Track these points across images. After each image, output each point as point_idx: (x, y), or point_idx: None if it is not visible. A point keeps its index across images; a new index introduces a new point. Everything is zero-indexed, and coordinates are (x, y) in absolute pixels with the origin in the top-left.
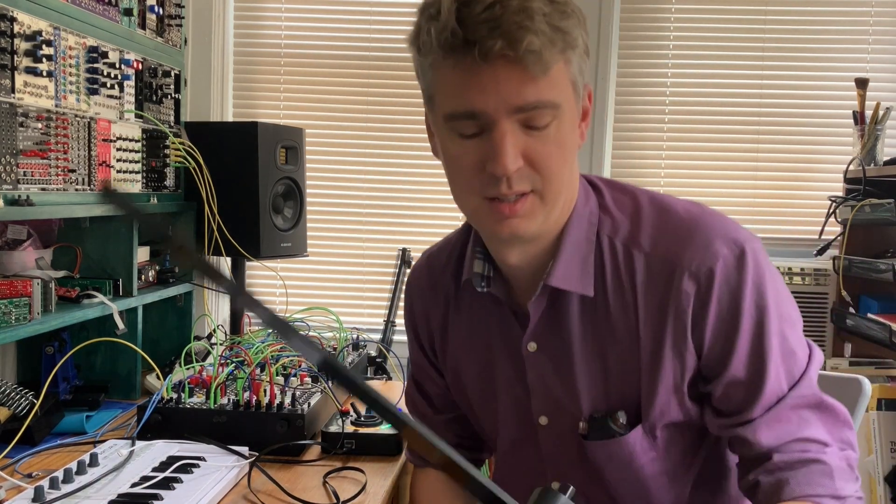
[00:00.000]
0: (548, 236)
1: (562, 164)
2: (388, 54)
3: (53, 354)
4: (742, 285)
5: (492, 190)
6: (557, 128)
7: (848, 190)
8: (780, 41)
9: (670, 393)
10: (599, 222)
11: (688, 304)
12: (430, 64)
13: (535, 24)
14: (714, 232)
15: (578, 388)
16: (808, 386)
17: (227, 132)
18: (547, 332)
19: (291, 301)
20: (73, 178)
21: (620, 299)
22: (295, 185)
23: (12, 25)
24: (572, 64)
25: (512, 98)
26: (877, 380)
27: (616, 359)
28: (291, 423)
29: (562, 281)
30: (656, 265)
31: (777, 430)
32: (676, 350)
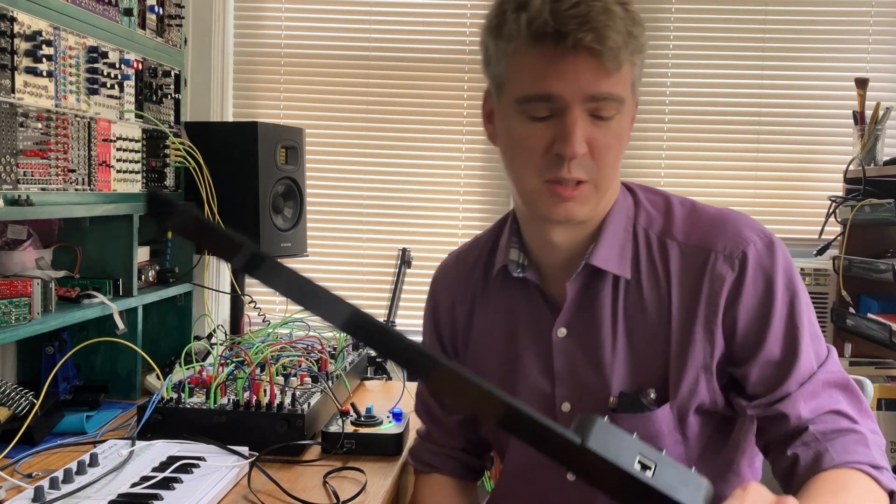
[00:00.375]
0: (592, 222)
1: (617, 156)
2: (389, 54)
3: (53, 354)
4: (774, 268)
5: (554, 172)
6: (619, 121)
7: (848, 190)
8: (780, 41)
9: (699, 371)
10: (635, 216)
11: (721, 287)
12: (511, 51)
13: (616, 25)
14: (742, 222)
15: (607, 370)
16: (834, 365)
17: (227, 132)
18: (578, 315)
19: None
20: (73, 178)
21: (654, 284)
22: (295, 185)
23: (12, 25)
24: (636, 67)
25: (588, 87)
26: (877, 380)
27: (645, 339)
28: (291, 423)
29: (602, 261)
30: (690, 252)
31: (812, 403)
32: (707, 330)
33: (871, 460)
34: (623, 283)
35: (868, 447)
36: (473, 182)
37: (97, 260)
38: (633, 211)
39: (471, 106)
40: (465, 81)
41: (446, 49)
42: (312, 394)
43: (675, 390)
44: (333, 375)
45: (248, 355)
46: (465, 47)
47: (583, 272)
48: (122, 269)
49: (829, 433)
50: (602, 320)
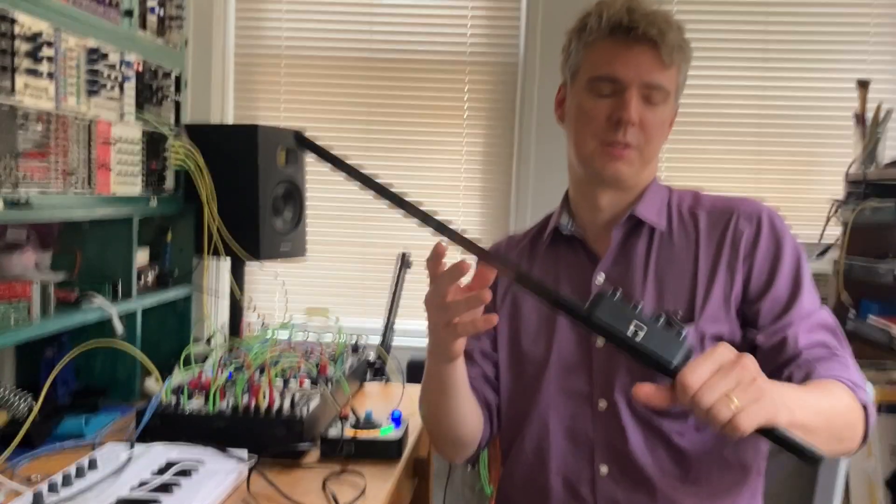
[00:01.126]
0: (634, 191)
1: (659, 137)
2: (389, 55)
3: (52, 358)
4: (783, 231)
5: (610, 135)
6: (663, 110)
7: (849, 192)
8: (780, 42)
9: (720, 302)
10: (669, 196)
11: (741, 238)
12: (589, 42)
13: (674, 31)
14: (758, 202)
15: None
16: (828, 313)
17: (228, 134)
18: (616, 263)
19: (291, 303)
20: (73, 180)
21: (683, 239)
22: (295, 187)
23: (12, 27)
24: (681, 74)
25: (645, 75)
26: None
27: (672, 283)
28: (291, 427)
29: (644, 213)
30: (715, 215)
31: (808, 336)
32: (729, 269)
33: (851, 378)
34: (657, 236)
35: (849, 370)
36: (473, 182)
37: (96, 262)
38: (666, 193)
39: (471, 107)
40: (465, 82)
41: (446, 49)
42: (312, 397)
43: (701, 314)
44: (333, 379)
45: (248, 358)
46: (466, 48)
47: (627, 222)
48: (121, 272)
49: (819, 358)
50: (636, 268)
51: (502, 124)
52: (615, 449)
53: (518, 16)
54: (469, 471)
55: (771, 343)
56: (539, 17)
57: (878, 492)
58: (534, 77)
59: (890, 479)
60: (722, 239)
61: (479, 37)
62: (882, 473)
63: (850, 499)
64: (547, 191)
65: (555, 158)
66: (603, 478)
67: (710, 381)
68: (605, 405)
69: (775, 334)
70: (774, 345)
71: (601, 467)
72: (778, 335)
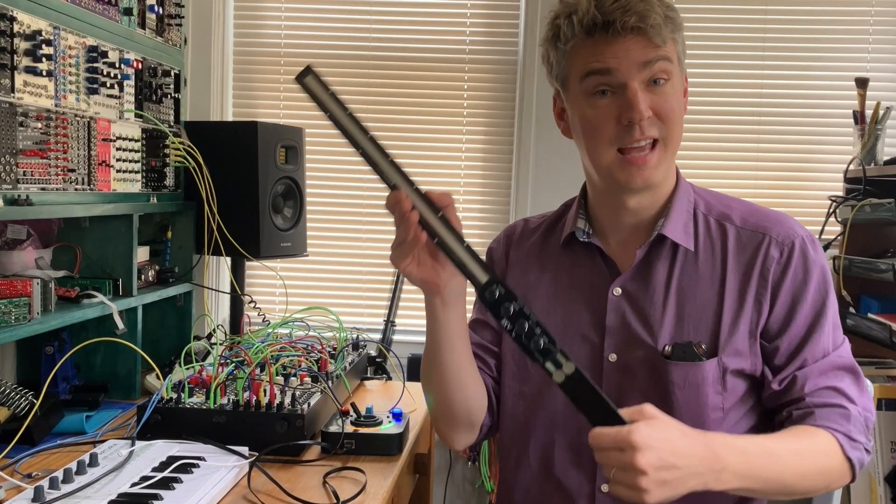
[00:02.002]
0: (661, 190)
1: (678, 116)
2: (389, 54)
3: (53, 354)
4: (814, 262)
5: (627, 138)
6: (672, 87)
7: (848, 189)
8: (780, 41)
9: (745, 336)
10: (695, 201)
11: (770, 266)
12: (568, 50)
13: (654, 9)
14: (793, 221)
15: (655, 328)
16: (846, 352)
17: (227, 132)
18: (635, 278)
19: (291, 301)
20: (73, 177)
21: (709, 257)
22: (295, 184)
23: (12, 25)
24: (678, 44)
25: (639, 57)
26: (877, 380)
27: (694, 304)
28: (291, 423)
29: (671, 233)
30: (746, 235)
31: (819, 380)
32: (756, 302)
33: (846, 432)
34: (681, 253)
35: (849, 422)
36: (473, 182)
37: (97, 260)
38: (692, 196)
39: (471, 106)
40: (465, 81)
41: (446, 49)
42: (312, 394)
43: (724, 347)
44: (333, 375)
45: (248, 355)
46: (465, 47)
47: (656, 241)
48: (121, 269)
49: (821, 404)
50: (656, 284)
51: (502, 123)
52: None
53: (517, 14)
54: (469, 466)
55: (782, 386)
56: (538, 16)
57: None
58: (533, 75)
59: (890, 475)
60: (751, 265)
61: (479, 35)
62: (882, 470)
63: (850, 495)
64: (547, 189)
65: (555, 157)
66: (604, 494)
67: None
68: None
69: (787, 377)
70: (785, 386)
71: (602, 485)
72: (788, 377)
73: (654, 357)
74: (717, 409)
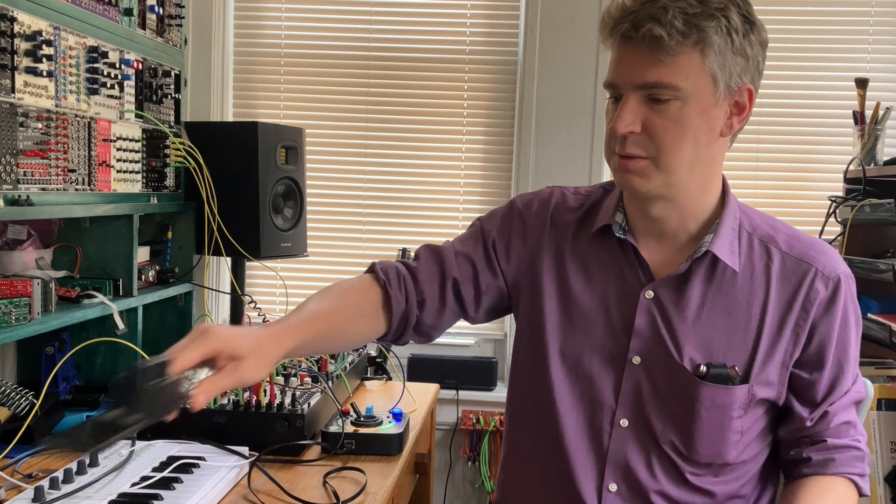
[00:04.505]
0: (689, 203)
1: (678, 139)
2: (389, 54)
3: (53, 354)
4: (852, 300)
5: (616, 147)
6: (680, 108)
7: (848, 190)
8: (780, 41)
9: (779, 366)
10: (741, 220)
11: (815, 299)
12: (605, 44)
13: (666, 17)
14: (836, 254)
15: (680, 338)
16: (860, 385)
17: (228, 132)
18: (671, 286)
19: (291, 301)
20: (73, 178)
21: (748, 280)
22: (295, 184)
23: (12, 25)
24: (708, 57)
25: (635, 77)
26: (877, 380)
27: (728, 324)
28: (291, 423)
29: (719, 250)
30: (791, 262)
31: (841, 416)
32: (794, 332)
33: (860, 472)
34: (720, 271)
35: (863, 461)
36: (473, 182)
37: (97, 260)
38: (738, 213)
39: (471, 106)
40: (465, 81)
41: (446, 49)
42: (312, 394)
43: (758, 375)
44: (333, 375)
45: None
46: (465, 47)
47: (702, 256)
48: (122, 269)
49: (841, 447)
50: (690, 298)
51: (502, 123)
52: (627, 469)
53: (517, 14)
54: (469, 466)
55: (814, 422)
56: (538, 16)
57: (878, 488)
58: (533, 75)
59: (889, 475)
60: (795, 295)
61: (479, 35)
62: (882, 470)
63: None
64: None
65: (555, 156)
66: (611, 493)
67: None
68: (627, 424)
69: (820, 413)
70: (816, 422)
71: (610, 484)
72: (820, 413)
73: (679, 371)
74: (736, 433)
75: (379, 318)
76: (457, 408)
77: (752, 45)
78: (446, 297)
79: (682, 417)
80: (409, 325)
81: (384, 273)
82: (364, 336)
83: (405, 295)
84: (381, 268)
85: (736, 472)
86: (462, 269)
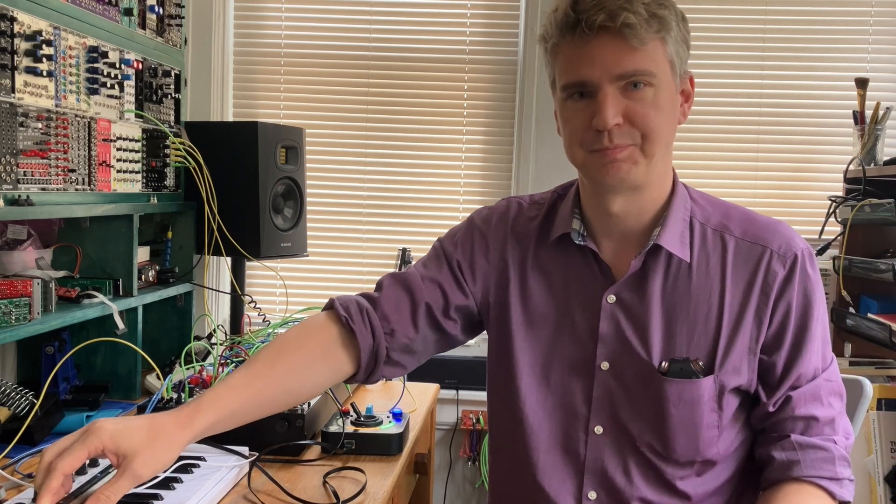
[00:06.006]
0: (649, 195)
1: (659, 123)
2: (388, 54)
3: (53, 354)
4: (812, 277)
5: (596, 144)
6: (654, 94)
7: (848, 190)
8: (780, 41)
9: (744, 352)
10: (692, 209)
11: (773, 281)
12: (551, 48)
13: (633, 7)
14: (791, 232)
15: (649, 338)
16: (835, 374)
17: (228, 132)
18: (631, 287)
19: (291, 301)
20: (74, 177)
21: (704, 270)
22: (295, 184)
23: (12, 25)
24: (668, 45)
25: (613, 67)
26: (877, 380)
27: (688, 317)
28: (291, 423)
29: (668, 243)
30: (745, 247)
31: (809, 407)
32: (757, 317)
33: (831, 475)
34: (675, 264)
35: (833, 464)
36: (473, 182)
37: (97, 260)
38: (689, 203)
39: (471, 106)
40: (465, 81)
41: (446, 49)
42: None
43: (721, 365)
44: None
45: (248, 355)
46: (465, 47)
47: (651, 251)
48: (122, 269)
49: (805, 446)
50: (651, 295)
51: (502, 123)
52: (605, 476)
53: (517, 14)
54: (469, 466)
55: (776, 407)
56: (538, 16)
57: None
58: (533, 75)
59: (889, 475)
60: (752, 280)
61: (479, 35)
62: (882, 469)
63: None
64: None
65: (555, 156)
66: (591, 501)
67: None
68: (602, 431)
69: (780, 397)
70: (778, 408)
71: (590, 493)
72: (782, 398)
73: (648, 370)
74: (711, 427)
75: (343, 359)
76: (457, 408)
77: (688, 35)
78: (419, 322)
79: (655, 418)
80: (380, 359)
81: (344, 309)
82: (326, 382)
83: (370, 328)
84: (341, 303)
85: (718, 469)
86: (432, 293)
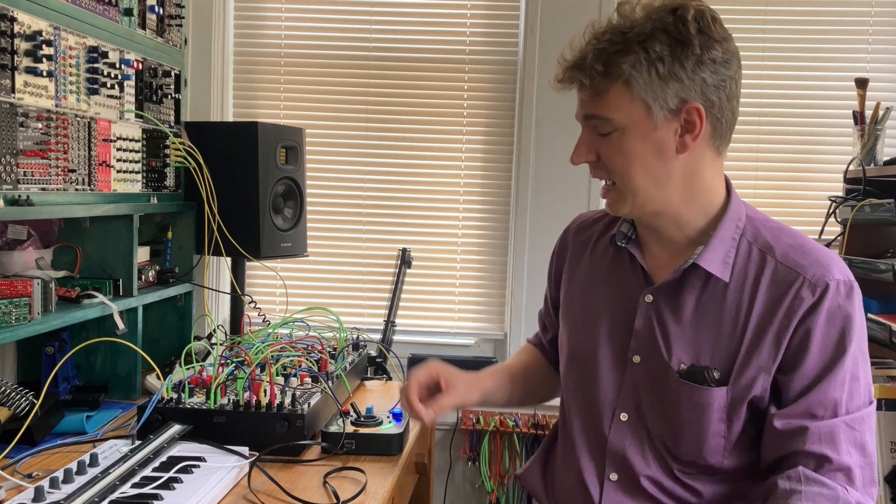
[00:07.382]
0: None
1: (626, 166)
2: (389, 54)
3: (53, 354)
4: (841, 308)
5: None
6: (619, 139)
7: (848, 190)
8: (780, 41)
9: (760, 370)
10: (744, 228)
11: (799, 307)
12: None
13: (587, 62)
14: (835, 262)
15: (672, 341)
16: (861, 422)
17: (228, 132)
18: (666, 292)
19: (291, 301)
20: (74, 178)
21: (739, 288)
22: (295, 184)
23: (12, 25)
24: (635, 88)
25: (581, 109)
26: (877, 380)
27: (715, 331)
28: (291, 424)
29: (707, 263)
30: (782, 271)
31: (825, 446)
32: (776, 338)
33: None
34: (713, 281)
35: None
36: (473, 182)
37: (97, 260)
38: (742, 222)
39: (471, 106)
40: (465, 81)
41: (446, 49)
42: (312, 394)
43: (737, 379)
44: (333, 375)
45: (248, 355)
46: (465, 47)
47: (690, 268)
48: (122, 269)
49: (811, 480)
50: (682, 305)
51: (502, 123)
52: (625, 460)
53: (517, 14)
54: (469, 466)
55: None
56: (538, 16)
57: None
58: (533, 75)
59: (890, 475)
60: (780, 302)
61: (479, 35)
62: (882, 470)
63: None
64: (547, 189)
65: (554, 156)
66: (612, 482)
67: None
68: (626, 418)
69: (795, 425)
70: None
71: (611, 474)
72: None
73: (666, 370)
74: (717, 436)
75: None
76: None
77: (689, 66)
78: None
79: (670, 415)
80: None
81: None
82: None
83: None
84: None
85: (724, 478)
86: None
